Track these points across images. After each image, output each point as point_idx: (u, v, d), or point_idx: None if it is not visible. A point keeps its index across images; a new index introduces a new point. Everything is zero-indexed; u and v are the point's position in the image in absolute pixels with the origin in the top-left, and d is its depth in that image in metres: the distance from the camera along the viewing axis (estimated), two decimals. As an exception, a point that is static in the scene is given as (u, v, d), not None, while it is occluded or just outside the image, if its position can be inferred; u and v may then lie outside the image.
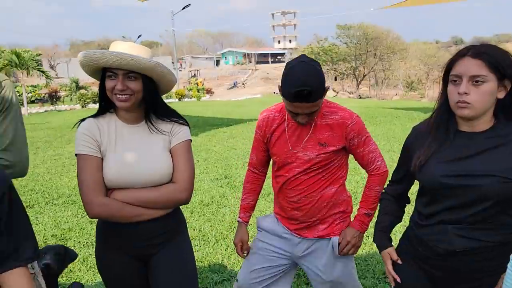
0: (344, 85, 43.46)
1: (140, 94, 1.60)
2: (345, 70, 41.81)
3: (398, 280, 1.56)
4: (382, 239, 1.68)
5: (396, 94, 38.27)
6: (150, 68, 1.56)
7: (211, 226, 4.25)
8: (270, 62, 72.70)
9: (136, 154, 1.63)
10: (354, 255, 2.04)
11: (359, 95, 38.58)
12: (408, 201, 1.77)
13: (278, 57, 77.42)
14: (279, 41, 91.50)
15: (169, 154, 1.68)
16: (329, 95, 33.68)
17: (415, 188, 1.64)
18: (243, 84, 48.73)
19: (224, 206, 4.88)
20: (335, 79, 42.07)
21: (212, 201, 5.03)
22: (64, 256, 2.29)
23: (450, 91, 1.37)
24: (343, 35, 41.51)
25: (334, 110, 1.82)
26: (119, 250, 1.68)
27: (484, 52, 1.30)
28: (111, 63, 1.52)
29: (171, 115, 1.73)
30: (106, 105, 1.69)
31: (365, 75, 41.36)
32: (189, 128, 1.78)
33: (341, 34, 41.68)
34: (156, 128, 1.68)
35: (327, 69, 40.52)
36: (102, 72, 1.61)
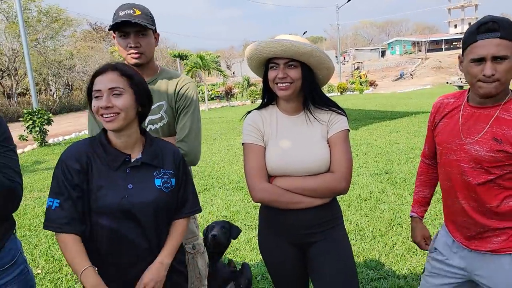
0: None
1: (299, 82, 1.68)
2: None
3: None
4: None
5: None
6: (308, 52, 1.62)
7: (368, 221, 4.15)
8: (443, 49, 65.70)
9: (296, 143, 1.71)
10: None
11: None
12: None
13: (453, 43, 69.32)
14: (455, 25, 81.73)
15: (327, 143, 1.71)
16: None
17: None
18: (410, 74, 45.32)
19: (383, 202, 4.70)
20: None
21: (371, 196, 4.90)
22: (229, 230, 2.59)
23: None
24: (541, 11, 34.56)
25: None
26: (279, 236, 1.78)
27: None
28: (274, 51, 1.63)
29: (329, 104, 1.76)
30: (268, 98, 1.82)
31: None
32: (347, 118, 1.78)
33: (538, 10, 34.78)
34: (314, 118, 1.73)
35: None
36: (265, 66, 1.74)
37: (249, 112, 1.86)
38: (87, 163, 1.48)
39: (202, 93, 24.81)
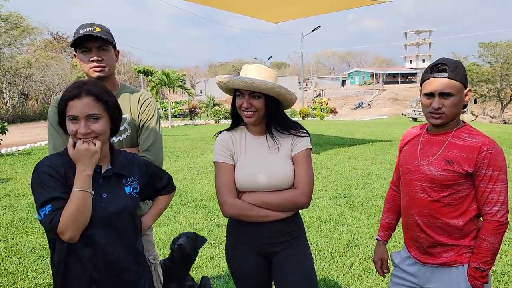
0: (485, 109, 38.87)
1: (263, 111, 1.86)
2: (487, 92, 37.39)
3: None
4: None
5: (553, 121, 32.70)
6: (269, 89, 1.81)
7: (327, 242, 4.31)
8: (399, 82, 69.24)
9: (263, 161, 1.88)
10: None
11: (504, 120, 34.00)
12: None
13: (409, 77, 73.35)
14: (411, 61, 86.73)
15: (291, 161, 1.89)
16: (468, 119, 30.49)
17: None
18: (368, 104, 47.30)
19: (342, 224, 4.89)
20: (475, 101, 37.97)
21: (330, 219, 5.08)
22: (195, 240, 2.64)
23: None
24: (487, 54, 37.33)
25: (475, 134, 1.75)
26: (247, 246, 1.91)
27: None
28: (237, 86, 1.83)
29: (292, 127, 1.93)
30: (237, 120, 1.98)
31: (513, 98, 36.42)
32: (310, 137, 1.96)
33: (484, 52, 37.56)
34: (278, 138, 1.91)
35: (466, 91, 36.59)
36: (234, 92, 1.91)
37: (220, 132, 2.01)
38: (64, 173, 1.52)
39: (165, 110, 24.58)
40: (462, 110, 1.80)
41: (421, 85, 1.81)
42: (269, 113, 1.87)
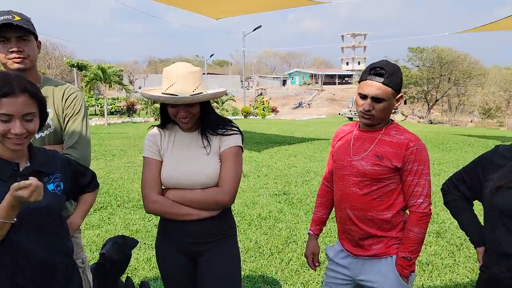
0: (414, 109, 41.69)
1: (199, 114, 1.83)
2: (415, 94, 40.13)
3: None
4: (477, 234, 1.76)
5: (471, 121, 35.89)
6: (203, 99, 1.79)
7: (267, 239, 4.35)
8: (337, 83, 72.03)
9: (189, 158, 1.84)
10: (414, 282, 1.97)
11: (430, 120, 36.73)
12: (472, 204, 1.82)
13: (345, 79, 76.60)
14: (347, 63, 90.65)
15: (218, 159, 1.84)
16: (398, 119, 32.50)
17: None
18: (308, 104, 48.69)
19: (281, 221, 4.96)
20: (405, 102, 40.55)
21: (270, 216, 5.14)
22: (123, 244, 2.48)
23: None
24: (415, 58, 40.02)
25: (402, 131, 1.85)
26: (171, 244, 1.88)
27: None
28: (174, 102, 1.75)
29: (223, 124, 1.90)
30: (167, 121, 1.93)
31: (438, 99, 39.37)
32: (242, 136, 1.92)
33: (413, 57, 40.23)
34: (209, 135, 1.87)
35: (397, 92, 38.90)
36: None
37: (153, 126, 1.97)
38: None
39: (101, 107, 23.48)
40: (393, 111, 1.90)
41: (358, 83, 1.87)
42: (203, 115, 1.86)
